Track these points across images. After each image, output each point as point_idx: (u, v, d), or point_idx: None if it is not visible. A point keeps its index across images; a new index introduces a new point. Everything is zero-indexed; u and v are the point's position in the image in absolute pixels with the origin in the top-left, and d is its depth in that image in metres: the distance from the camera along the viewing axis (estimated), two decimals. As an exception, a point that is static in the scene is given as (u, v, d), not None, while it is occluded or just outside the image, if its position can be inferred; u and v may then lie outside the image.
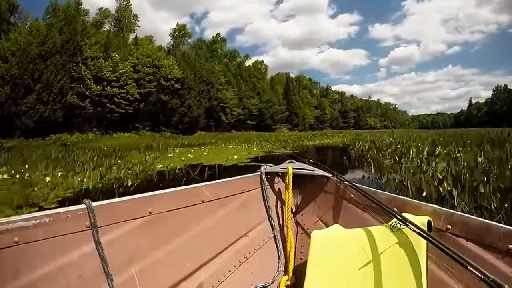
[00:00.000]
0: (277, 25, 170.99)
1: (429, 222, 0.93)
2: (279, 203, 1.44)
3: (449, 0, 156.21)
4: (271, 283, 1.27)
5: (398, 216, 0.92)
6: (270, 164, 1.47)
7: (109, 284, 0.87)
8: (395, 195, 1.14)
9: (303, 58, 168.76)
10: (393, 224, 0.93)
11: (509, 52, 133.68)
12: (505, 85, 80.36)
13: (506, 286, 0.59)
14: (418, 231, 0.84)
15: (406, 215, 0.94)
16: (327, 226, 1.19)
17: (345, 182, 1.27)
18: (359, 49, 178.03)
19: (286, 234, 1.37)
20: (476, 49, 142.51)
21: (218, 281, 1.15)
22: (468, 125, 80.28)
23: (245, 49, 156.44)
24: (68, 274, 0.82)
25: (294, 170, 1.39)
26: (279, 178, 1.45)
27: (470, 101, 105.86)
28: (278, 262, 1.34)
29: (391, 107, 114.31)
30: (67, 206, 0.92)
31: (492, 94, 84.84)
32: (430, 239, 0.80)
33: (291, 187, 1.36)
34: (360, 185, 1.20)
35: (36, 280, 0.77)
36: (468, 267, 0.66)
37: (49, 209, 1.11)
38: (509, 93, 73.64)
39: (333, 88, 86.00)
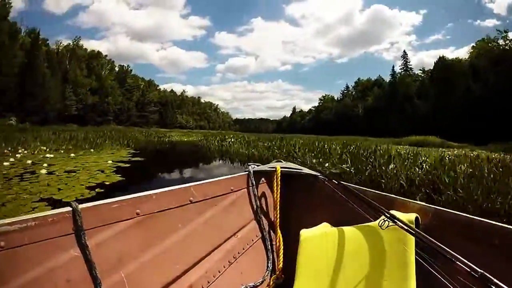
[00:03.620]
0: (126, 11, 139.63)
1: (416, 219, 0.95)
2: (267, 202, 1.44)
3: (293, 28, 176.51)
4: (261, 283, 1.28)
5: (386, 214, 0.93)
6: (258, 164, 1.48)
7: None
8: (383, 193, 1.16)
9: (143, 51, 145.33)
10: (381, 221, 0.94)
11: (331, 77, 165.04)
12: (332, 96, 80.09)
13: (494, 279, 0.60)
14: (406, 228, 0.86)
15: (394, 212, 0.95)
16: (315, 224, 1.21)
17: (333, 180, 1.29)
18: (201, 52, 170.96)
19: (275, 233, 1.39)
20: (304, 70, 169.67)
21: (208, 282, 1.15)
22: (291, 131, 74.43)
23: (84, 31, 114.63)
24: (55, 279, 0.80)
25: (282, 169, 1.40)
26: (267, 178, 1.45)
27: (294, 108, 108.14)
28: (268, 262, 1.35)
29: (212, 106, 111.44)
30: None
31: (319, 102, 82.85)
32: (418, 235, 0.82)
33: (279, 186, 1.38)
34: (348, 184, 1.22)
35: (23, 286, 0.76)
36: (457, 262, 0.68)
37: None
38: (338, 102, 71.91)
39: (166, 86, 70.24)
